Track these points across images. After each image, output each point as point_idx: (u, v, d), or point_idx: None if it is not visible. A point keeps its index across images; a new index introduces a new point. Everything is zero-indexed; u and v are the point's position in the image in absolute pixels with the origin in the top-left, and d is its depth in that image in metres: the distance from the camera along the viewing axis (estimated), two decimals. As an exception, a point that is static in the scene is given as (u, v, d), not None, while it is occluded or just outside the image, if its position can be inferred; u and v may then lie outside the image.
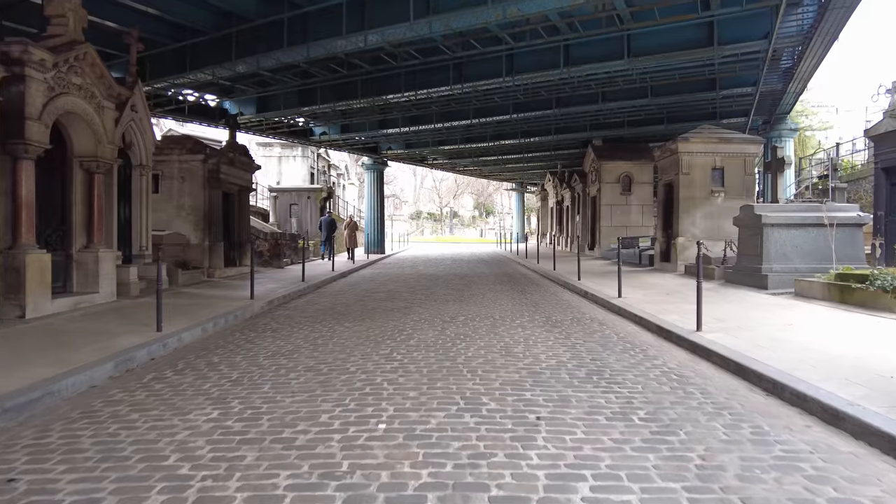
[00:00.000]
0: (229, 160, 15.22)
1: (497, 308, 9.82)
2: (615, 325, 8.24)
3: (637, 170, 24.11)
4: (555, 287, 13.64)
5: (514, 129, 24.07)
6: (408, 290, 12.88)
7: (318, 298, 11.59)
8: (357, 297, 11.53)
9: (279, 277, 15.03)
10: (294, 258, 20.45)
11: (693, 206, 15.71)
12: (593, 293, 11.33)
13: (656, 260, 17.14)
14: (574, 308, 9.95)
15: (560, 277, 14.76)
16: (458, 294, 11.93)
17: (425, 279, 15.01)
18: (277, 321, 8.69)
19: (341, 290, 13.18)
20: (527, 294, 12.04)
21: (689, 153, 15.64)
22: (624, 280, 13.28)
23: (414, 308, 9.83)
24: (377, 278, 15.48)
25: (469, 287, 13.33)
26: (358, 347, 6.56)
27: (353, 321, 8.50)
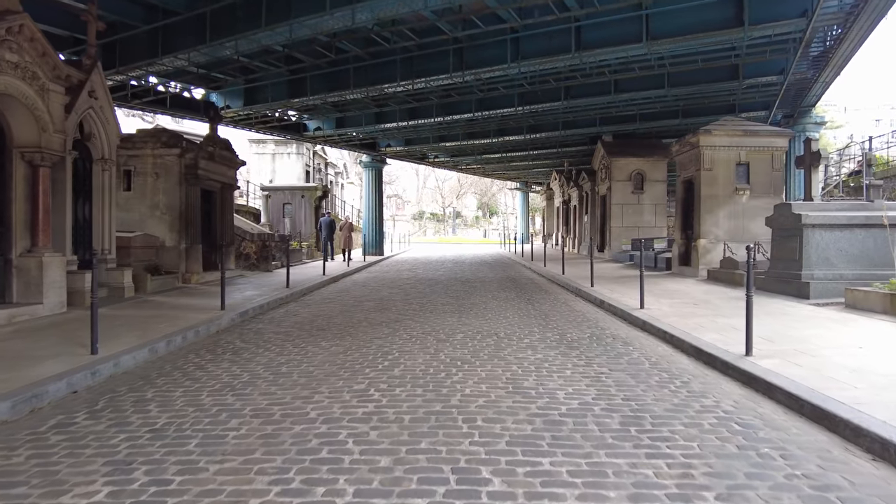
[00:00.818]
0: (209, 154, 13.96)
1: (502, 321, 8.51)
2: (642, 344, 6.93)
3: (650, 167, 22.76)
4: (565, 294, 12.33)
5: (519, 124, 22.75)
6: (402, 297, 11.59)
7: (299, 308, 10.31)
8: (343, 307, 10.25)
9: (263, 283, 13.77)
10: (284, 261, 19.19)
11: (716, 204, 14.37)
12: (611, 303, 10.02)
13: (674, 263, 15.80)
14: (590, 321, 8.64)
15: (570, 283, 13.45)
16: (458, 303, 10.64)
17: (423, 284, 13.73)
18: (244, 338, 7.41)
19: (328, 297, 11.91)
20: (535, 303, 10.73)
21: (712, 147, 14.31)
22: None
23: (405, 322, 8.54)
24: (370, 283, 14.21)
25: (470, 294, 12.03)
26: (328, 379, 5.27)
27: (332, 339, 7.21)
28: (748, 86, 16.73)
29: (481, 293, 12.22)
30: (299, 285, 13.19)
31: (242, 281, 14.23)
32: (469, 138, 24.88)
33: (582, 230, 28.15)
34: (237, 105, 18.36)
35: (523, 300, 11.13)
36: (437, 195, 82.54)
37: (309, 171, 30.48)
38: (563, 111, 20.72)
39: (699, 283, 12.88)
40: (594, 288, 12.15)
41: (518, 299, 11.28)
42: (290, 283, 13.31)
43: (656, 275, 15.37)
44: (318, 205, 24.75)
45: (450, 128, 23.34)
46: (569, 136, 25.10)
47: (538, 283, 14.89)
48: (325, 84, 16.25)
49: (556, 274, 15.81)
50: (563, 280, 14.23)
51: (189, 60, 12.68)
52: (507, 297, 11.49)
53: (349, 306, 10.38)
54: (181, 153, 13.19)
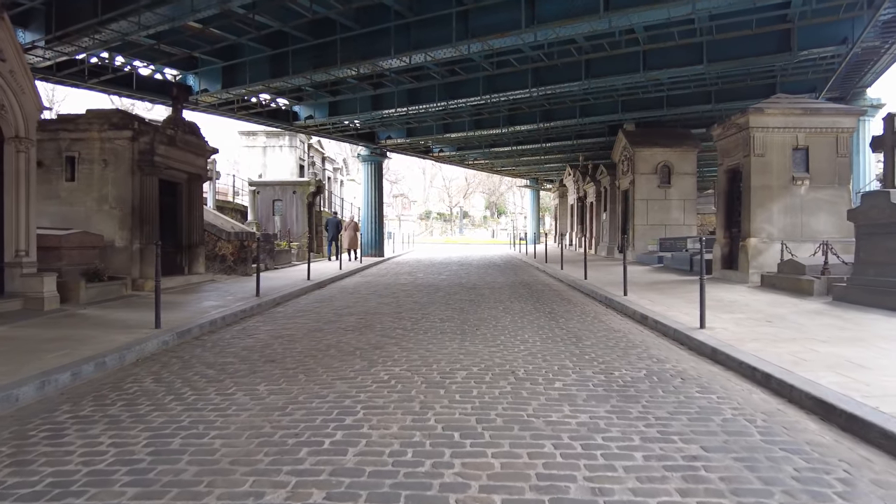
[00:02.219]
0: (168, 139, 11.84)
1: (519, 348, 6.32)
2: (727, 390, 4.72)
3: (677, 158, 20.45)
4: (594, 305, 10.10)
5: (531, 109, 20.49)
6: (393, 310, 9.41)
7: (261, 325, 8.16)
8: (315, 324, 8.08)
9: (233, 290, 11.63)
10: (271, 263, 17.10)
11: (768, 197, 12.09)
12: (656, 318, 7.80)
13: (716, 266, 13.53)
14: (637, 347, 6.42)
15: (597, 290, 11.24)
16: (461, 318, 8.44)
17: (421, 292, 11.57)
18: (160, 376, 5.27)
19: (304, 309, 9.75)
20: (558, 318, 8.52)
21: (764, 129, 12.03)
22: (684, 295, 9.77)
23: (388, 348, 6.36)
24: (360, 290, 12.07)
25: (477, 306, 9.83)
26: (231, 471, 3.09)
27: (278, 379, 5.05)
28: (800, 61, 14.43)
29: (491, 304, 10.02)
30: (274, 293, 11.05)
31: (210, 288, 12.11)
32: (476, 128, 22.65)
33: (600, 229, 25.86)
34: (215, 87, 16.28)
35: (543, 314, 8.92)
36: (444, 194, 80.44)
37: (303, 166, 28.38)
38: (582, 95, 18.52)
39: (754, 292, 10.62)
40: (628, 297, 9.92)
41: (536, 312, 9.07)
42: (267, 290, 11.22)
43: (695, 280, 13.04)
44: (311, 201, 22.64)
45: (455, 115, 21.15)
46: (586, 126, 22.87)
47: (557, 289, 12.66)
48: (309, 59, 14.10)
49: (576, 279, 13.58)
50: (588, 287, 12.00)
51: (140, 23, 10.57)
52: (522, 310, 9.28)
53: (323, 322, 8.20)
54: (134, 136, 11.09)
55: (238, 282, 13.44)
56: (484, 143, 28.04)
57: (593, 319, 8.44)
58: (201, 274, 13.36)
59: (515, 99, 18.10)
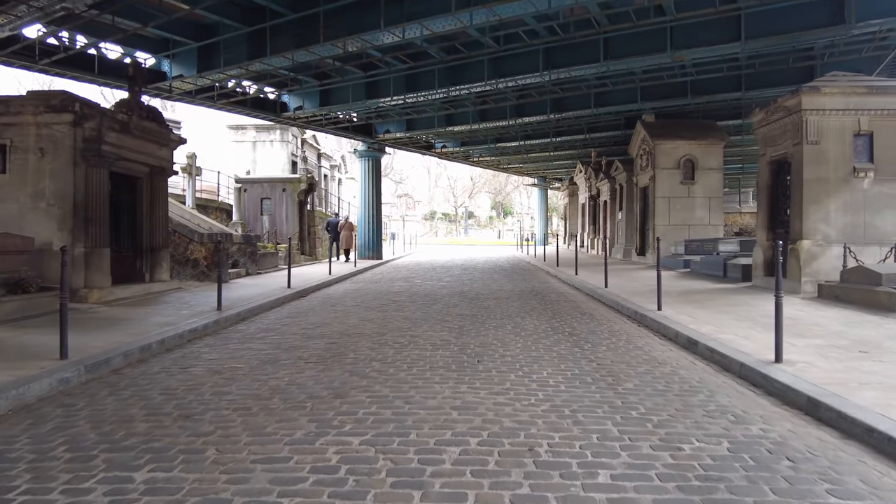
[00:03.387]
0: (121, 125, 10.15)
1: (537, 396, 4.55)
2: (881, 488, 2.92)
3: (701, 152, 18.61)
4: (622, 322, 8.31)
5: (541, 98, 18.66)
6: (377, 329, 7.66)
7: (206, 351, 6.43)
8: (272, 351, 6.34)
9: (195, 302, 9.92)
10: (252, 268, 15.39)
11: (824, 192, 10.27)
12: (709, 344, 6.03)
13: (756, 273, 11.72)
14: (699, 393, 4.64)
15: (622, 302, 9.46)
16: (459, 343, 6.68)
17: (415, 304, 9.84)
18: (15, 444, 3.55)
19: (269, 327, 8.01)
20: (582, 341, 6.74)
21: (819, 112, 10.21)
22: (730, 310, 8.00)
23: (354, 395, 4.61)
24: (346, 301, 10.34)
25: (480, 323, 8.06)
26: None
27: (175, 458, 3.31)
28: (850, 40, 12.60)
29: (497, 321, 8.25)
30: (241, 305, 9.35)
31: (171, 298, 10.41)
32: (481, 119, 20.86)
33: (614, 230, 24.03)
34: (190, 72, 14.59)
35: (563, 335, 7.14)
36: (449, 194, 78.78)
37: (296, 162, 26.67)
38: (598, 81, 16.72)
39: (814, 305, 8.80)
40: (664, 313, 8.14)
41: (554, 332, 7.29)
42: (234, 302, 9.56)
43: (734, 289, 11.30)
44: (302, 200, 20.93)
45: (457, 105, 19.37)
46: (601, 117, 21.09)
47: (574, 300, 10.87)
48: (290, 37, 12.38)
49: (594, 286, 11.80)
50: (610, 297, 10.22)
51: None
52: (536, 330, 7.51)
53: (284, 349, 6.46)
54: (76, 121, 9.40)
55: (209, 290, 11.69)
56: (489, 138, 26.27)
57: (626, 344, 6.66)
58: (165, 281, 11.67)
59: (524, 85, 16.33)
